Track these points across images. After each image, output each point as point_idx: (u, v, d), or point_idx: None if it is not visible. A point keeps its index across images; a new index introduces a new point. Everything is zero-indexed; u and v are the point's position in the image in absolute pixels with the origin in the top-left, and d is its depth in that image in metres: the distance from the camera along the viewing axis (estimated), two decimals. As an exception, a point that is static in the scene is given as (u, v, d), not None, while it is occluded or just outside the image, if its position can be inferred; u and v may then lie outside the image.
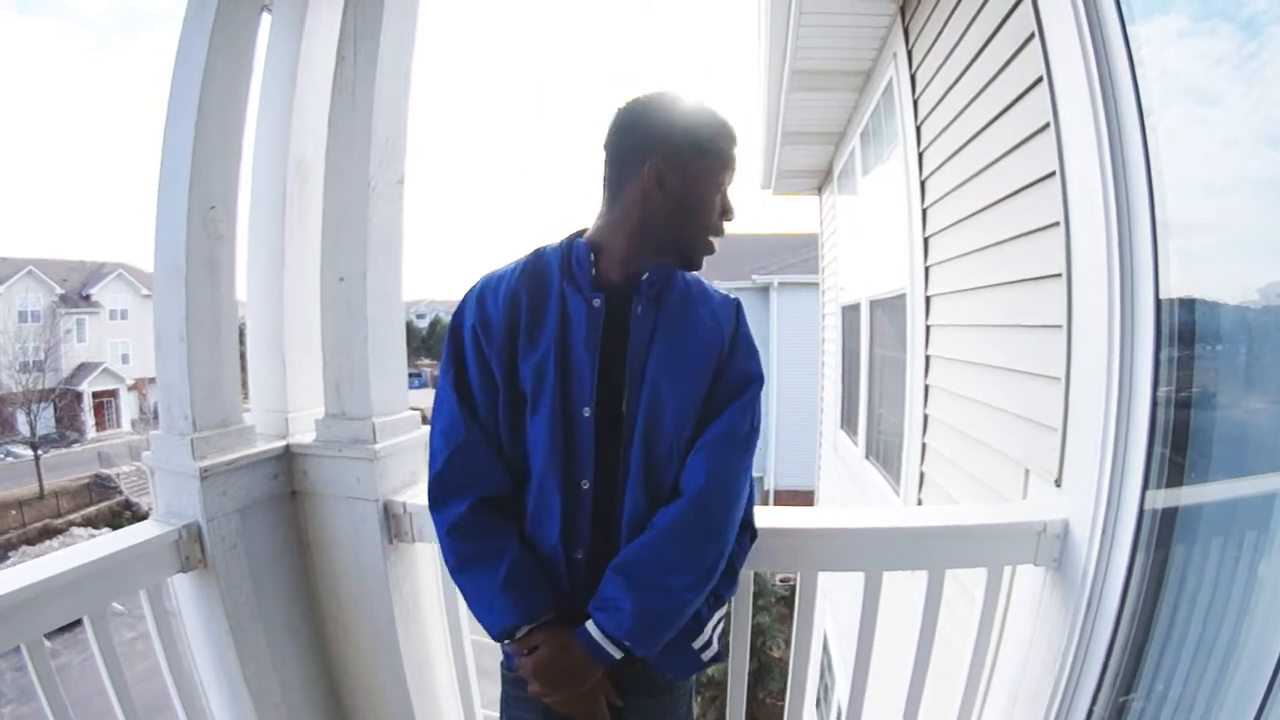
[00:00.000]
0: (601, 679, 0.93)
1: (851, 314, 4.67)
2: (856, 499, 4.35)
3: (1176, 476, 1.07)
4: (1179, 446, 1.06)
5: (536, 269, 0.98)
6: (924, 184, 2.65)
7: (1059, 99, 1.29)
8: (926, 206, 2.63)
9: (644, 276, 0.96)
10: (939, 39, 2.38)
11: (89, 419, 24.12)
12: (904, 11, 2.86)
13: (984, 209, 2.00)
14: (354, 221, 1.28)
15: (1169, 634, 1.09)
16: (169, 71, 1.19)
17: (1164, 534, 1.09)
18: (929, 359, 2.64)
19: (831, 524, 1.28)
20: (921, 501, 2.71)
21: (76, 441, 22.97)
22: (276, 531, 1.33)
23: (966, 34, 2.07)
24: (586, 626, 0.91)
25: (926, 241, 2.63)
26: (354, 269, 1.29)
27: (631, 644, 0.89)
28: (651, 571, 0.89)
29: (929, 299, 2.63)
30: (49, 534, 16.32)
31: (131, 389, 25.40)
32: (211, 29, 1.16)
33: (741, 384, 0.98)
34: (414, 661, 1.39)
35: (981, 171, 2.01)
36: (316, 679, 1.42)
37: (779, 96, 3.96)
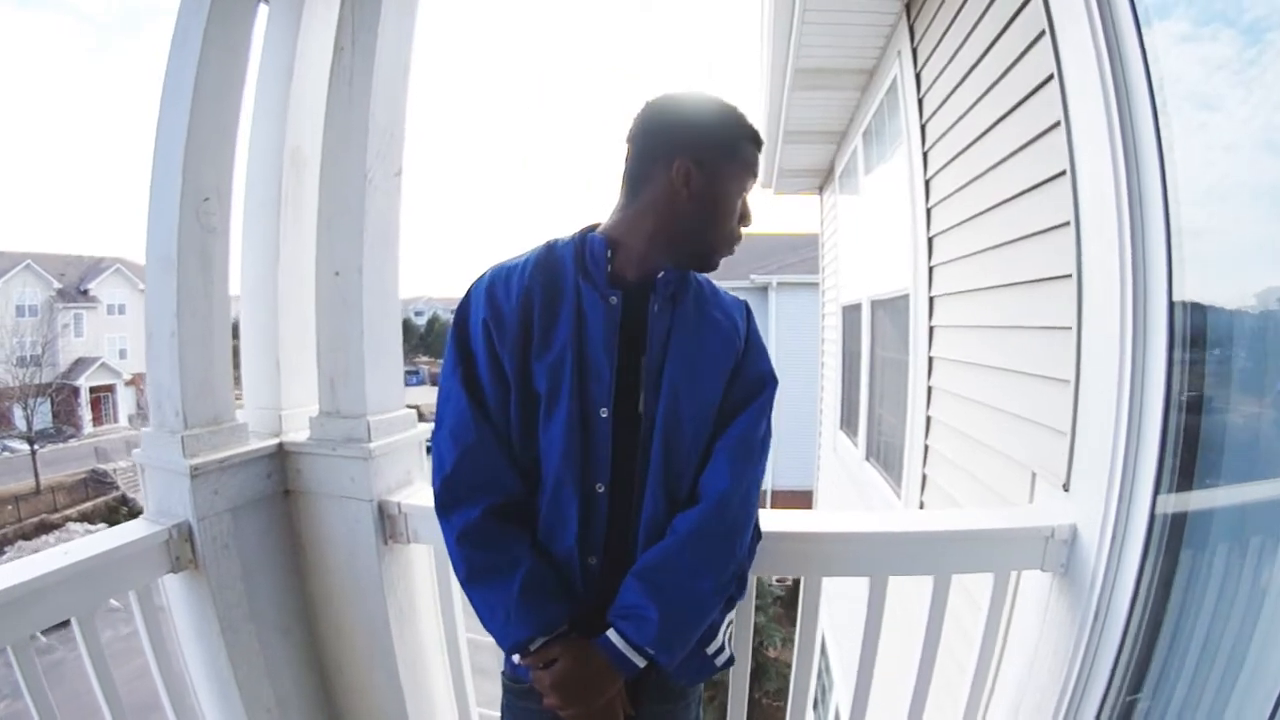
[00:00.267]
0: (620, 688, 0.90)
1: (852, 314, 4.66)
2: (855, 500, 4.33)
3: (1187, 481, 1.05)
4: (1190, 450, 1.04)
5: (549, 262, 0.94)
6: (928, 183, 2.63)
7: (1070, 97, 1.26)
8: (931, 206, 2.61)
9: (659, 275, 0.93)
10: (945, 37, 2.36)
11: (86, 414, 24.05)
12: (909, 9, 2.84)
13: (990, 209, 1.99)
14: (350, 214, 1.26)
15: (1180, 643, 1.07)
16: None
17: (1175, 540, 1.06)
18: (932, 360, 2.62)
19: (836, 528, 1.25)
20: (924, 504, 2.69)
21: (73, 436, 22.91)
22: (269, 531, 1.30)
23: (974, 32, 2.05)
24: (609, 636, 0.88)
25: (930, 241, 2.62)
26: (350, 263, 1.26)
27: (656, 652, 0.86)
28: (676, 577, 0.87)
29: (933, 300, 2.61)
30: (45, 529, 16.31)
31: (129, 384, 25.29)
32: (207, 19, 1.14)
33: (758, 385, 0.96)
34: (409, 663, 1.37)
35: (988, 171, 1.99)
36: (310, 681, 1.40)
37: (781, 95, 3.94)
